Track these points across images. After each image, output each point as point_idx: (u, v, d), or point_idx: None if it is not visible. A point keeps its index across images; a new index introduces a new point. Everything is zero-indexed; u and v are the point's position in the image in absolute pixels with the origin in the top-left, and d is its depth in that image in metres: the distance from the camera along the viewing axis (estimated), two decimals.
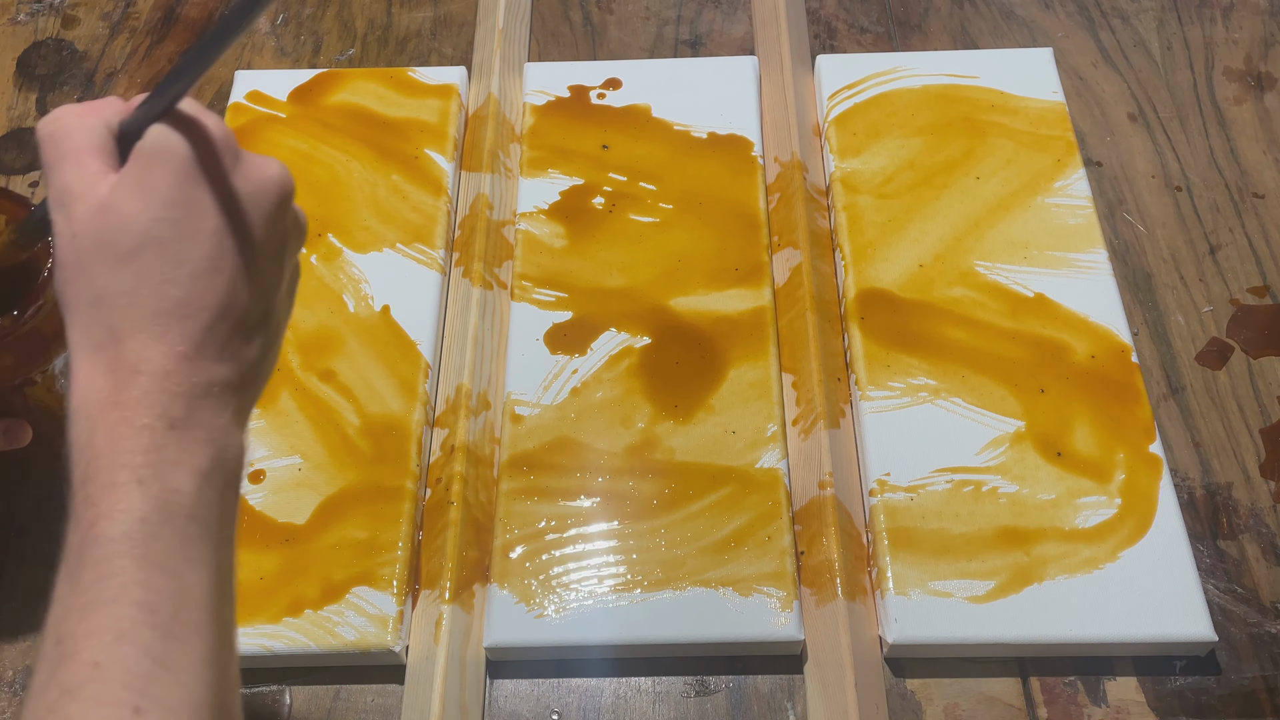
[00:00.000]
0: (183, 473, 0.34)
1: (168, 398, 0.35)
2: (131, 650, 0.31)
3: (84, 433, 0.34)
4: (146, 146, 0.36)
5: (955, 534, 0.56)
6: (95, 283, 0.35)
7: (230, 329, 0.36)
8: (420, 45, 0.81)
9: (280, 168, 0.38)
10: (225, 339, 0.36)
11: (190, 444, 0.35)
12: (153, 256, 0.35)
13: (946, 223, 0.67)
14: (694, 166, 0.70)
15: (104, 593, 0.32)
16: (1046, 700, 0.54)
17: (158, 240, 0.35)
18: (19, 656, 0.57)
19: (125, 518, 0.33)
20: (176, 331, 0.35)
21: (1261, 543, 0.58)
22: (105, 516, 0.33)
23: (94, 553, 0.32)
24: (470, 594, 0.56)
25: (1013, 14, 0.81)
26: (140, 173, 0.36)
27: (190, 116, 0.36)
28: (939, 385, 0.61)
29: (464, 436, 0.60)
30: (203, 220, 0.36)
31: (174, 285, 0.35)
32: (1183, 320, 0.66)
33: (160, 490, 0.33)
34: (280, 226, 0.38)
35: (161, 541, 0.33)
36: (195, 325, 0.36)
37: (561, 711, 0.55)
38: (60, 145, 0.37)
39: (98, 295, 0.35)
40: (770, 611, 0.54)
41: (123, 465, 0.33)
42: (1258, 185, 0.71)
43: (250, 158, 0.38)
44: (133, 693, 0.30)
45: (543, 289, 0.66)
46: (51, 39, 0.83)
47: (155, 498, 0.33)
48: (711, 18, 0.82)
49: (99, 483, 0.33)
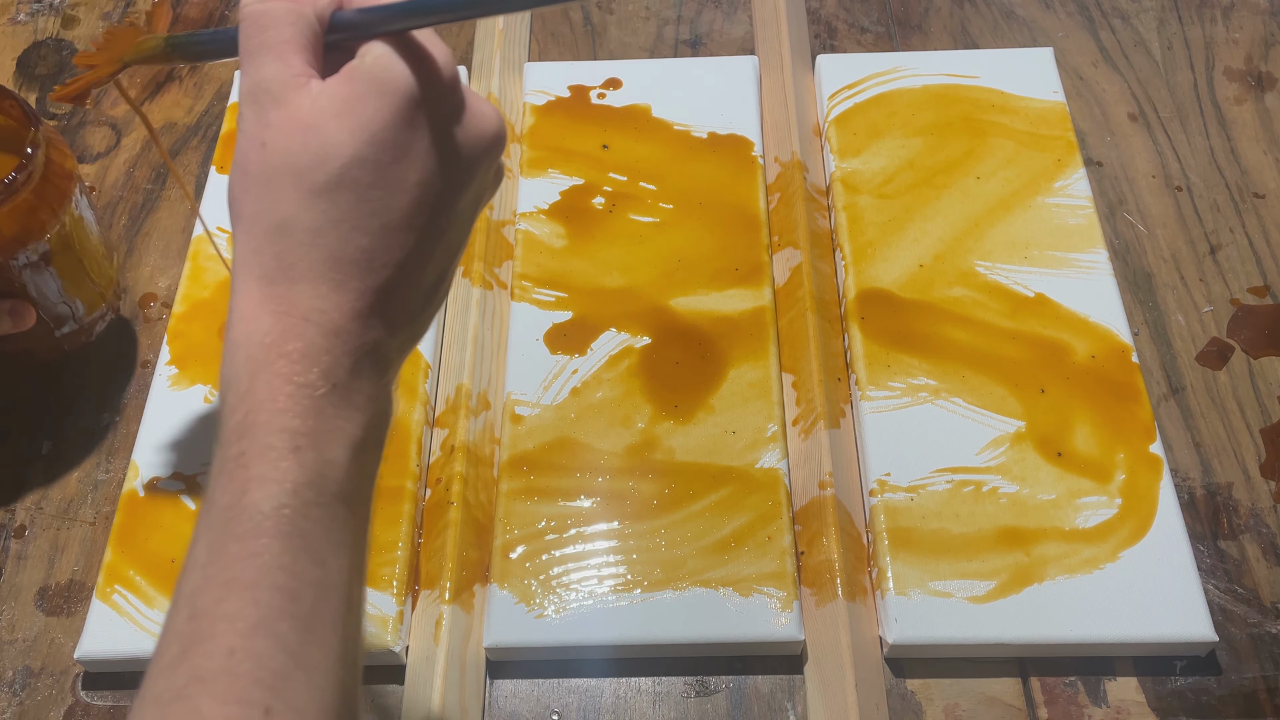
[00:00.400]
0: (338, 443, 0.32)
1: (333, 357, 0.32)
2: (269, 643, 0.29)
3: (243, 376, 0.32)
4: (367, 69, 0.32)
5: (955, 534, 0.56)
6: (278, 207, 0.32)
7: (408, 289, 0.34)
8: None
9: (499, 121, 0.35)
10: (401, 299, 0.34)
11: (348, 410, 0.33)
12: (348, 198, 0.32)
13: (947, 223, 0.67)
14: (694, 166, 0.70)
15: (247, 572, 0.30)
16: (1047, 700, 0.54)
17: (357, 182, 0.32)
18: (19, 656, 0.57)
19: (278, 490, 0.31)
20: (355, 285, 0.33)
21: (1262, 543, 0.58)
22: (258, 484, 0.31)
23: (242, 525, 0.31)
24: (470, 594, 0.56)
25: (1013, 14, 0.81)
26: (352, 98, 0.32)
27: (422, 47, 0.33)
28: (939, 385, 0.61)
29: (464, 436, 0.60)
30: (410, 170, 0.33)
31: (364, 234, 0.32)
32: (1183, 320, 0.66)
33: (316, 460, 0.31)
34: (484, 181, 0.36)
35: (310, 522, 0.31)
36: (375, 281, 0.33)
37: (561, 712, 0.55)
38: (265, 32, 0.33)
39: (279, 223, 0.32)
40: (770, 612, 0.54)
41: (281, 428, 0.31)
42: (1258, 185, 0.71)
43: (472, 105, 0.34)
44: (266, 691, 0.29)
45: (543, 289, 0.66)
46: (51, 39, 0.83)
47: (311, 469, 0.31)
48: (711, 18, 0.82)
49: (255, 442, 0.31)
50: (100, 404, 0.65)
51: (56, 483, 0.62)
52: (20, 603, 0.58)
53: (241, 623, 0.29)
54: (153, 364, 0.66)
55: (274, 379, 0.32)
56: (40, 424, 0.64)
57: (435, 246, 0.35)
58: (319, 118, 0.32)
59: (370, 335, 0.33)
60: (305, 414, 0.32)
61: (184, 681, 0.29)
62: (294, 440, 0.31)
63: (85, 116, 0.78)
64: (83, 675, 0.56)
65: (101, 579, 0.57)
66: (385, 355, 0.34)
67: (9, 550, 0.60)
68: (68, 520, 0.61)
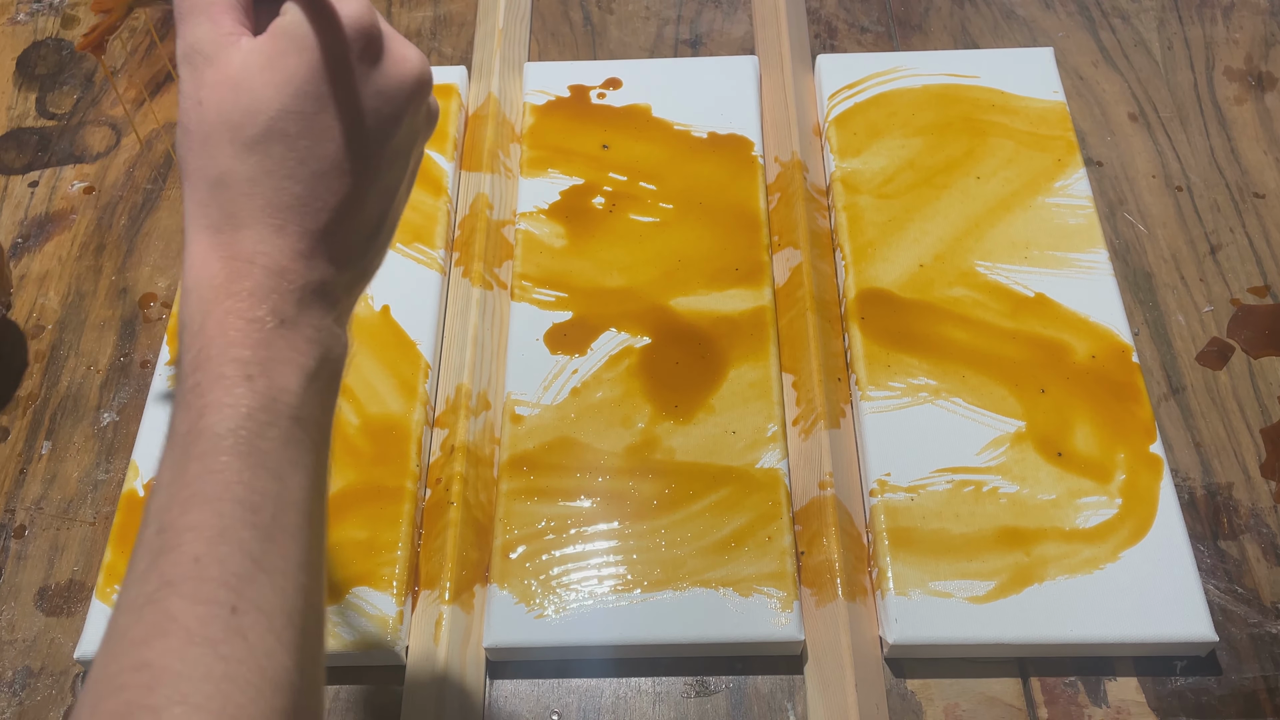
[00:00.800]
0: (290, 371, 0.34)
1: (280, 294, 0.34)
2: (231, 550, 0.31)
3: (195, 316, 0.34)
4: (286, 26, 0.35)
5: (955, 534, 0.56)
6: (218, 162, 0.35)
7: (348, 229, 0.36)
8: (420, 45, 0.81)
9: (420, 64, 0.37)
10: (342, 239, 0.36)
11: (299, 342, 0.35)
12: (279, 149, 0.34)
13: (947, 223, 0.67)
14: (694, 166, 0.70)
15: (208, 488, 0.32)
16: (1047, 700, 0.54)
17: (285, 134, 0.34)
18: (19, 656, 0.57)
19: (233, 413, 0.33)
20: (295, 228, 0.35)
21: (1262, 543, 0.58)
22: (214, 409, 0.33)
23: (201, 445, 0.32)
24: (470, 594, 0.56)
25: (1013, 14, 0.81)
26: (276, 54, 0.34)
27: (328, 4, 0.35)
28: (939, 385, 0.61)
29: (464, 436, 0.60)
30: (333, 119, 0.35)
31: (297, 182, 0.35)
32: (1183, 320, 0.66)
33: (268, 387, 0.33)
34: (414, 123, 0.37)
35: (267, 442, 0.33)
36: (314, 224, 0.35)
37: (561, 712, 0.55)
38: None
39: (219, 176, 0.35)
40: (770, 612, 0.54)
41: (232, 359, 0.33)
42: (1258, 185, 0.71)
43: (392, 50, 0.36)
44: (231, 592, 0.31)
45: (543, 289, 0.66)
46: (51, 39, 0.83)
47: (263, 394, 0.33)
48: (712, 17, 0.82)
49: (209, 372, 0.33)
50: (100, 404, 0.65)
51: (56, 483, 0.62)
52: (20, 603, 0.58)
53: (206, 532, 0.31)
54: (153, 364, 0.66)
55: (225, 316, 0.34)
56: (40, 424, 0.64)
57: (370, 188, 0.36)
58: (247, 74, 0.34)
59: (314, 274, 0.35)
60: (256, 345, 0.34)
61: (154, 587, 0.31)
62: (246, 369, 0.33)
63: (85, 116, 0.78)
64: (83, 675, 0.56)
65: (101, 579, 0.56)
66: (332, 292, 0.36)
67: (9, 550, 0.60)
68: (68, 520, 0.61)
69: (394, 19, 0.82)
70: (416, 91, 0.37)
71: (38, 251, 0.72)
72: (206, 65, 0.35)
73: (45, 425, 0.64)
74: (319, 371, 0.35)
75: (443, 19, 0.82)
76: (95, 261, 0.71)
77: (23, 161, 0.76)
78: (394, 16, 0.83)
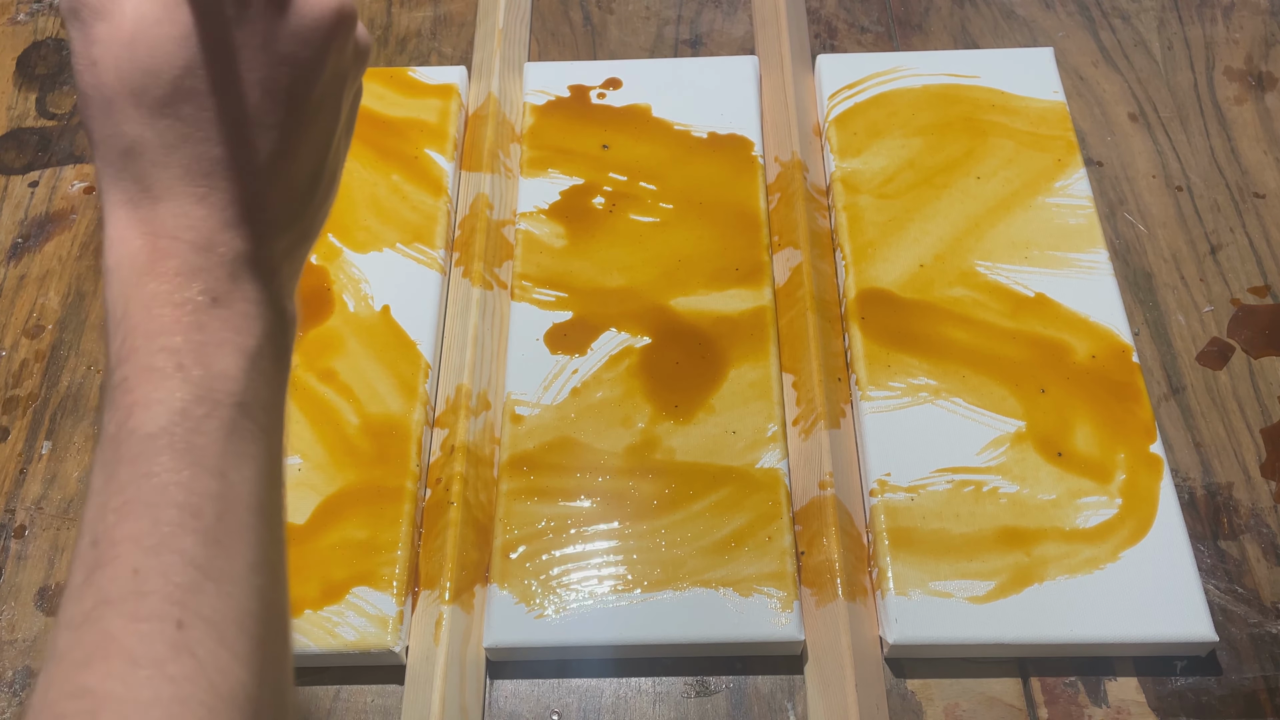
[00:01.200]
0: (228, 354, 0.31)
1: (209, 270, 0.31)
2: (173, 559, 0.29)
3: (119, 302, 0.31)
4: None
5: (956, 534, 0.56)
6: (124, 129, 0.31)
7: (280, 190, 0.33)
8: (420, 45, 0.81)
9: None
10: (274, 201, 0.33)
11: (236, 320, 0.32)
12: (189, 109, 0.31)
13: (947, 223, 0.67)
14: (694, 166, 0.70)
15: (142, 493, 0.29)
16: (1047, 700, 0.54)
17: (194, 92, 0.31)
18: (19, 656, 0.57)
19: (164, 409, 0.30)
20: (219, 195, 0.32)
21: (1262, 543, 0.58)
22: (142, 406, 0.30)
23: (131, 448, 0.30)
24: (470, 594, 0.56)
25: (1013, 14, 0.81)
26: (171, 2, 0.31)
27: None
28: (939, 385, 0.61)
29: (464, 436, 0.60)
30: (246, 69, 0.31)
31: (214, 144, 0.31)
32: (1183, 320, 0.66)
33: (203, 375, 0.31)
34: (339, 64, 0.34)
35: (205, 436, 0.30)
36: (239, 188, 0.32)
37: (561, 712, 0.55)
38: None
39: (128, 146, 0.31)
40: (770, 612, 0.54)
41: (161, 347, 0.30)
42: (1258, 185, 0.71)
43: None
44: (175, 605, 0.28)
45: (543, 289, 0.66)
46: (51, 39, 0.83)
47: (198, 383, 0.31)
48: (712, 17, 0.82)
49: (136, 365, 0.30)
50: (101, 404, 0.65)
51: (56, 483, 0.62)
52: (20, 603, 0.58)
53: (143, 542, 0.29)
54: None
55: (150, 300, 0.31)
56: (40, 424, 0.64)
57: (299, 141, 0.33)
58: (142, 28, 0.31)
59: (246, 243, 0.32)
60: (187, 330, 0.31)
61: (91, 605, 0.29)
62: (177, 358, 0.31)
63: None
64: None
65: None
66: (269, 260, 0.33)
67: (9, 550, 0.60)
68: (68, 520, 0.61)
69: (394, 19, 0.82)
70: (337, 27, 0.33)
71: (38, 251, 0.72)
72: (96, 19, 0.31)
73: (45, 425, 0.64)
74: (262, 350, 0.32)
75: (443, 19, 0.82)
76: (95, 261, 0.71)
77: (23, 161, 0.76)
78: (394, 16, 0.83)
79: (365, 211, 0.69)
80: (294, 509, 0.58)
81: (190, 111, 0.31)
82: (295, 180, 0.34)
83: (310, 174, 0.34)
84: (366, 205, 0.69)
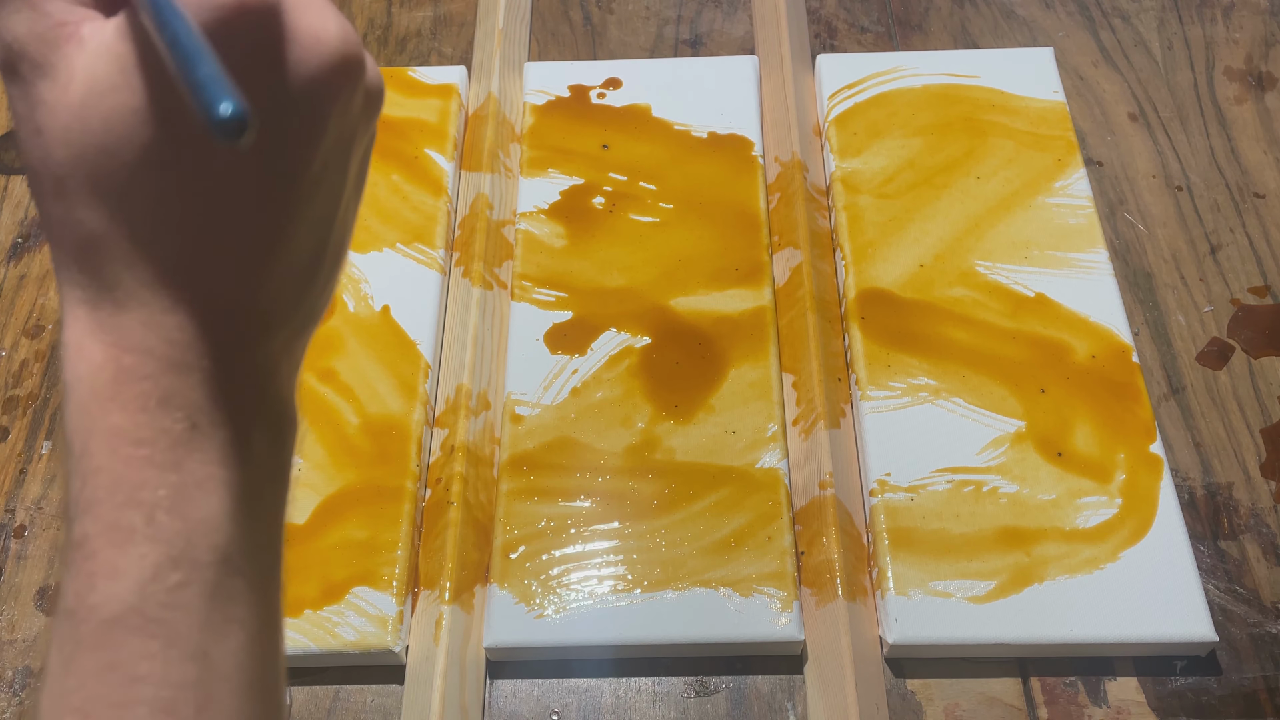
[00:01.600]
0: (211, 495, 0.26)
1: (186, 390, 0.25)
2: None
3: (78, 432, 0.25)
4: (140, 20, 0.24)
5: (956, 534, 0.56)
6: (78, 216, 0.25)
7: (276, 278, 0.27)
8: (420, 45, 0.81)
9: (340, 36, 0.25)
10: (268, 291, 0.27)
11: (221, 449, 0.26)
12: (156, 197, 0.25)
13: (947, 222, 0.67)
14: (694, 166, 0.70)
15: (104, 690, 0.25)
16: (1047, 700, 0.54)
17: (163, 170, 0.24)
18: (19, 656, 0.57)
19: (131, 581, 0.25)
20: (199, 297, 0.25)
21: (1262, 543, 0.58)
22: (105, 576, 0.25)
23: (92, 631, 0.25)
24: (470, 594, 0.56)
25: (1013, 13, 0.81)
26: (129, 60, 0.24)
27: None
28: (939, 385, 0.61)
29: (464, 436, 0.60)
30: None
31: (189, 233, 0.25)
32: (1183, 320, 0.66)
33: (180, 529, 0.25)
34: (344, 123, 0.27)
35: (181, 610, 0.25)
36: (223, 285, 0.26)
37: (561, 712, 0.55)
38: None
39: (85, 237, 0.25)
40: (770, 612, 0.54)
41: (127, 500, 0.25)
42: (1258, 185, 0.71)
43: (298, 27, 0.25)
44: None
45: (543, 289, 0.66)
46: None
47: (172, 542, 0.25)
48: (712, 17, 0.82)
49: (98, 520, 0.25)
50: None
51: (56, 483, 0.62)
52: (20, 603, 0.58)
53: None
54: None
55: (114, 437, 0.25)
56: (40, 424, 0.64)
57: (296, 220, 0.26)
58: (94, 95, 0.24)
59: (232, 350, 0.26)
60: (162, 469, 0.25)
61: None
62: (147, 512, 0.25)
63: None
64: None
65: None
66: (265, 361, 0.27)
67: (9, 550, 0.60)
68: None
69: (394, 19, 0.82)
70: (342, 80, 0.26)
71: (38, 251, 0.72)
72: (36, 76, 0.24)
73: (45, 425, 0.64)
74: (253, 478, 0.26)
75: (443, 19, 0.82)
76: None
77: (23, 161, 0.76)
78: (394, 16, 0.83)
79: (365, 211, 0.69)
80: (294, 509, 0.58)
81: (157, 199, 0.25)
82: (293, 265, 0.27)
83: (311, 254, 0.28)
84: (366, 205, 0.69)
